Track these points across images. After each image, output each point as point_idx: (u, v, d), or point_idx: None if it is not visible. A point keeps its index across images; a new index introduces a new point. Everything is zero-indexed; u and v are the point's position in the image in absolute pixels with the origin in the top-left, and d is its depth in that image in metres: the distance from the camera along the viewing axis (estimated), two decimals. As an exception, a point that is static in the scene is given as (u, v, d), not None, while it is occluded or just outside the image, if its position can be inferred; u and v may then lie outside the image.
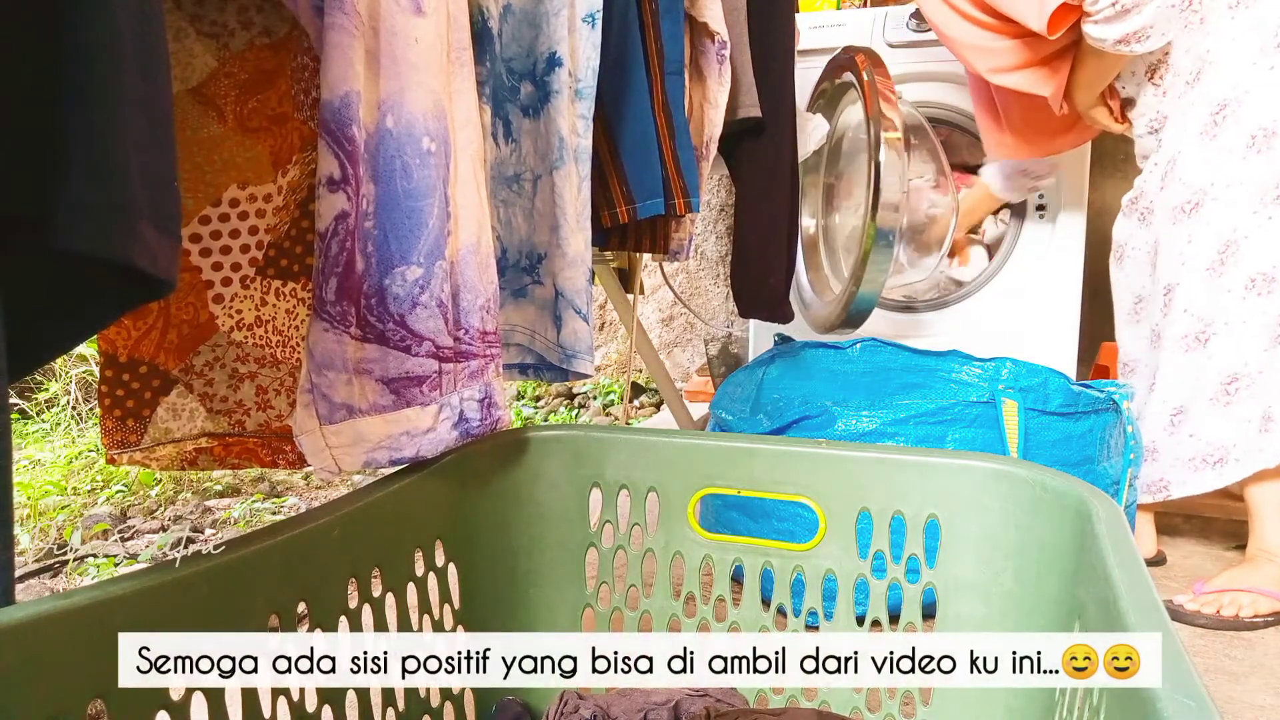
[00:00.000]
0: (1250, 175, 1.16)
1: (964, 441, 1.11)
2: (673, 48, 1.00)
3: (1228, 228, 1.18)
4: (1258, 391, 1.17)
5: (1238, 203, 1.17)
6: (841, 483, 0.72)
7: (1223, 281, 1.19)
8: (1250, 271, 1.16)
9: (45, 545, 1.50)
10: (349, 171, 0.57)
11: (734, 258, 1.31)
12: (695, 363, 2.76)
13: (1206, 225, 1.19)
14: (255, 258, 0.78)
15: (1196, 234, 1.20)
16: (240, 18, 0.73)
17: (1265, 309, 1.16)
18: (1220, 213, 1.18)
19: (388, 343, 0.61)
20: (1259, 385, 1.17)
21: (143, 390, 0.74)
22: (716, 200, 2.62)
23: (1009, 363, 1.27)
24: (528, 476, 0.79)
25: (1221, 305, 1.19)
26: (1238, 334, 1.18)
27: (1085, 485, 0.62)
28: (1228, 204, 1.18)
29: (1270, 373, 1.17)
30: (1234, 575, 1.18)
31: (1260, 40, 1.16)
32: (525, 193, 0.86)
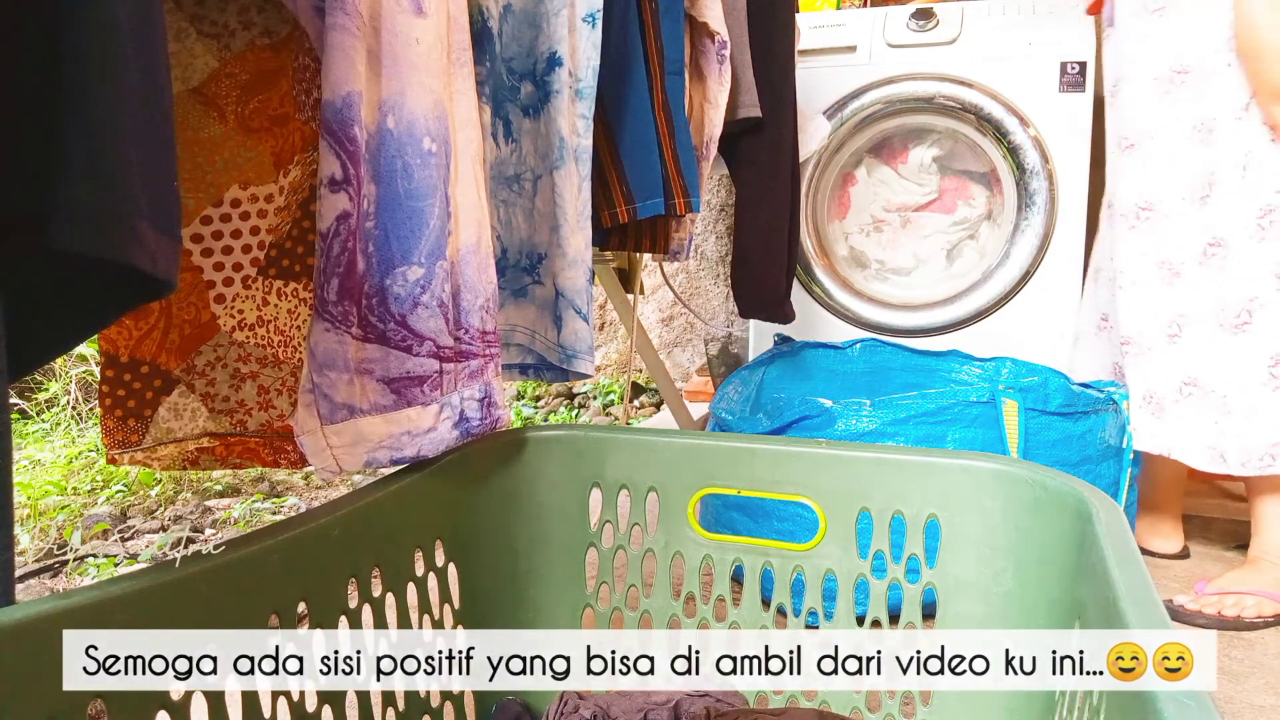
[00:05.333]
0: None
1: (964, 441, 1.11)
2: (673, 48, 1.00)
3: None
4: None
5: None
6: (841, 483, 0.72)
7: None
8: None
9: (45, 545, 1.50)
10: (350, 172, 0.57)
11: (734, 258, 1.31)
12: (695, 363, 2.76)
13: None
14: (257, 258, 0.78)
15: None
16: (241, 18, 0.73)
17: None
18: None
19: (389, 343, 0.61)
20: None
21: (144, 390, 0.74)
22: (716, 200, 2.62)
23: (1009, 362, 1.27)
24: (528, 476, 0.79)
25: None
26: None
27: (1085, 485, 0.62)
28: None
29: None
30: (1236, 577, 1.18)
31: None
32: (525, 193, 0.86)
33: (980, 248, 1.85)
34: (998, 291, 1.74)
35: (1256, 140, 1.10)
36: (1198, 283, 1.16)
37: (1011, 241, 1.73)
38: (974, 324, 1.77)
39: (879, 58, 1.76)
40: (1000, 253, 1.76)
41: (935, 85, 1.71)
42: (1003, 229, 1.77)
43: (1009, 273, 1.72)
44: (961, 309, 1.78)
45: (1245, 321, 1.13)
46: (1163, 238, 1.18)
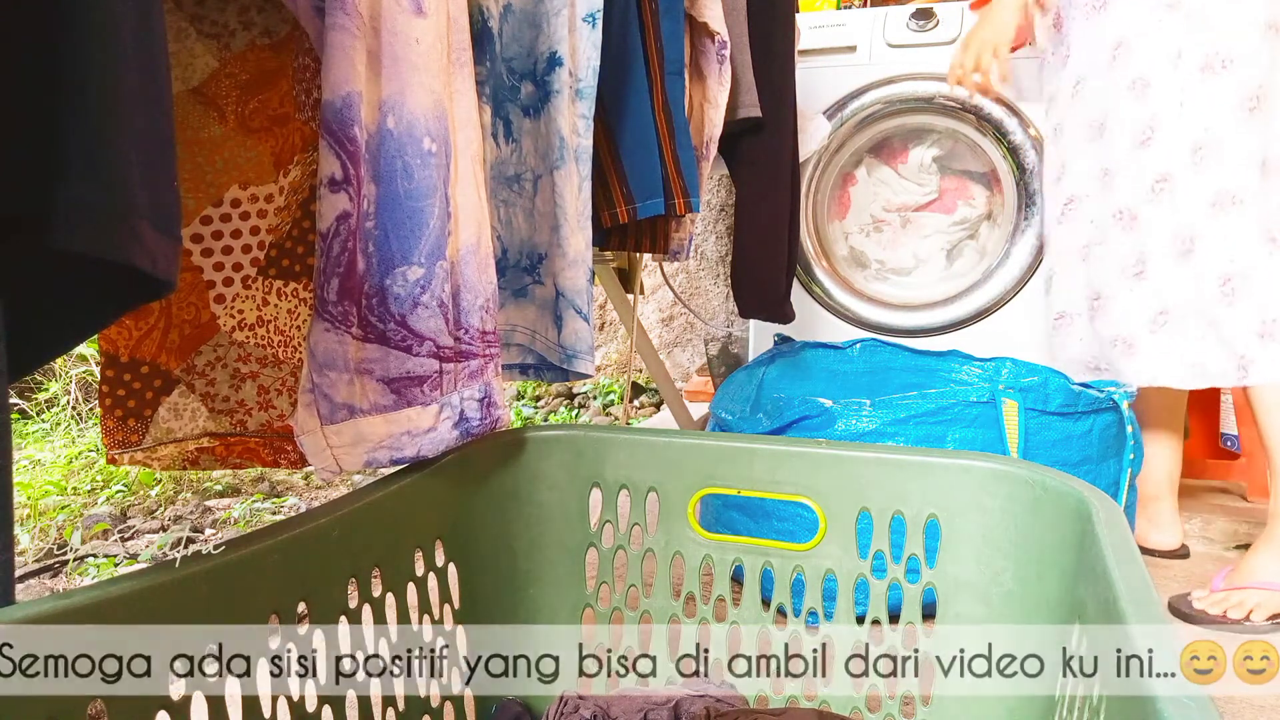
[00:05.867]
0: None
1: (964, 441, 1.11)
2: (673, 48, 1.00)
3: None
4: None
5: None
6: (841, 483, 0.72)
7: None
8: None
9: (45, 545, 1.50)
10: (350, 172, 0.57)
11: (734, 258, 1.31)
12: (695, 363, 2.77)
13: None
14: (257, 258, 0.78)
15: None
16: (241, 18, 0.73)
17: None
18: None
19: (389, 343, 0.61)
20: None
21: (144, 390, 0.74)
22: (716, 200, 2.62)
23: (1009, 363, 1.27)
24: (528, 476, 0.79)
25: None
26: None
27: (1085, 485, 0.62)
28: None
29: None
30: (1256, 566, 1.15)
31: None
32: (525, 193, 0.86)
33: (980, 248, 1.85)
34: (998, 291, 1.74)
35: (1189, 81, 1.19)
36: (1152, 220, 1.23)
37: (1011, 241, 1.73)
38: (974, 324, 1.77)
39: (879, 58, 1.76)
40: (1000, 253, 1.76)
41: (935, 85, 1.71)
42: (1003, 229, 1.77)
43: (1009, 273, 1.72)
44: (961, 309, 1.78)
45: (1189, 250, 1.21)
46: (1118, 188, 1.26)
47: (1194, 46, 1.17)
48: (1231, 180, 1.17)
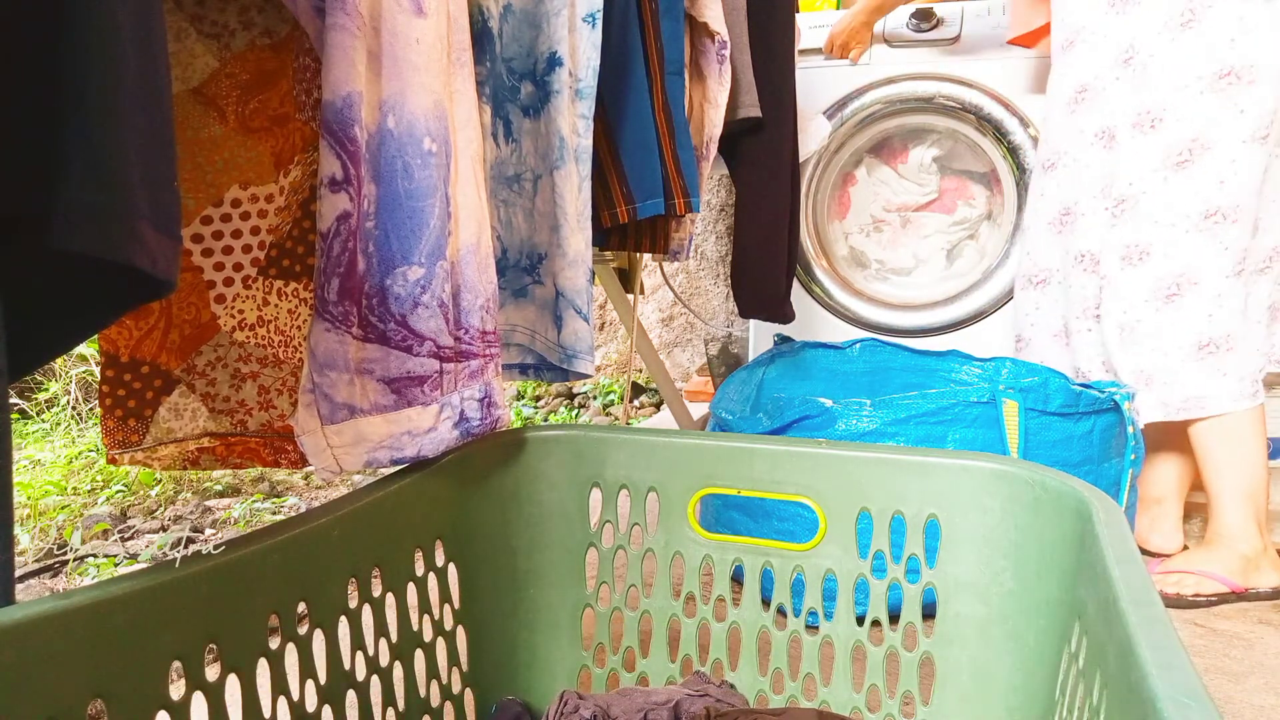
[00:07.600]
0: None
1: (964, 441, 1.11)
2: (673, 48, 1.00)
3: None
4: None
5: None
6: (841, 483, 0.72)
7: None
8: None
9: (45, 545, 1.50)
10: (351, 172, 0.57)
11: (734, 258, 1.31)
12: (695, 363, 2.77)
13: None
14: (257, 258, 0.78)
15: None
16: (241, 18, 0.73)
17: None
18: None
19: (389, 343, 0.61)
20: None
21: (144, 390, 0.74)
22: (716, 200, 2.62)
23: (1009, 363, 1.27)
24: (528, 476, 0.79)
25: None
26: None
27: (1085, 485, 0.62)
28: None
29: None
30: (1189, 557, 1.24)
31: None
32: (525, 193, 0.86)
33: (980, 248, 1.86)
34: (998, 291, 1.74)
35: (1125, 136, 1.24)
36: (1102, 262, 1.29)
37: (1011, 241, 1.73)
38: (974, 324, 1.77)
39: (879, 58, 1.76)
40: (1000, 253, 1.76)
41: (935, 85, 1.71)
42: (1003, 229, 1.77)
43: (1009, 273, 1.72)
44: (961, 309, 1.78)
45: (1142, 253, 1.26)
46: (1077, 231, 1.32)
47: (1135, 104, 1.23)
48: (1140, 235, 1.22)
